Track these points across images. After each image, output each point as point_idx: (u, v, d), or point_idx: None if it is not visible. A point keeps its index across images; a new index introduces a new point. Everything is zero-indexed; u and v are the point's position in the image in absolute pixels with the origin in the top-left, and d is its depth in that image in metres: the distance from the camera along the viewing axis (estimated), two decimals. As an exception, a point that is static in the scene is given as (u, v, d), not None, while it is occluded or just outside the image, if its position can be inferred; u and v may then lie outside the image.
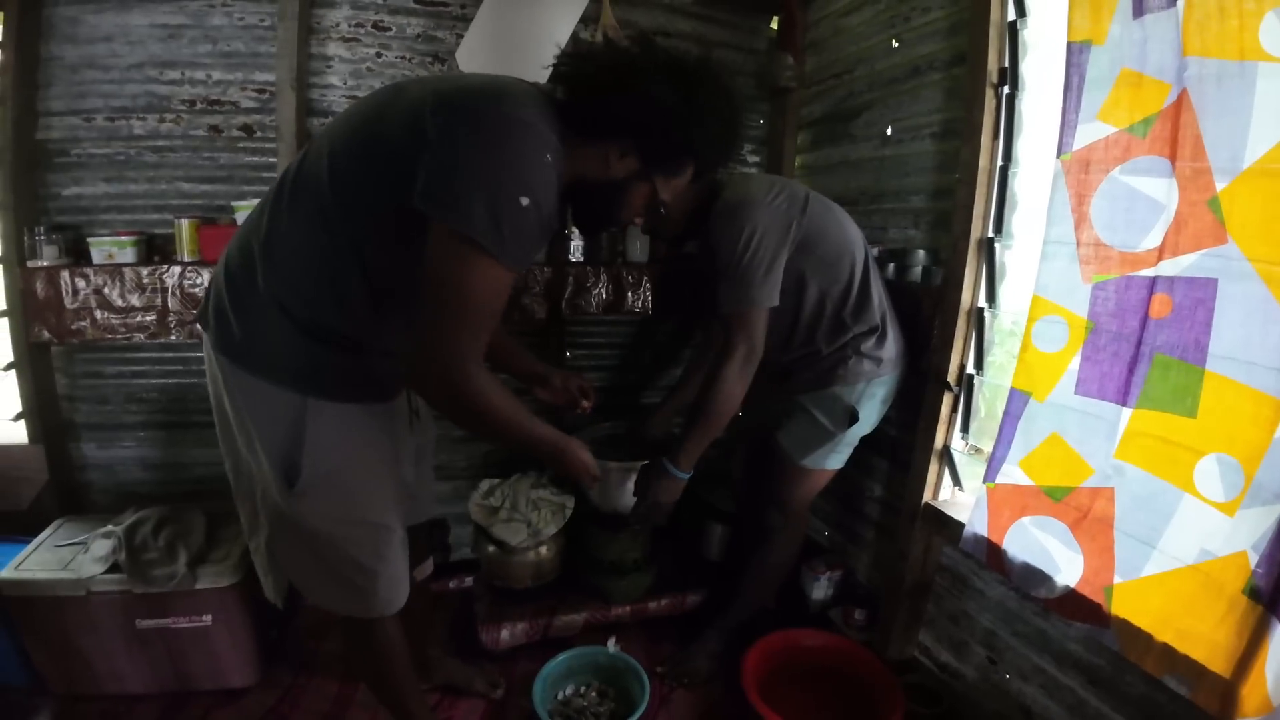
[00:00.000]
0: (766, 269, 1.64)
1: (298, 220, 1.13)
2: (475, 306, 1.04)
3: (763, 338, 1.67)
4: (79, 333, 1.93)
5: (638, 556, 2.20)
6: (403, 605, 1.39)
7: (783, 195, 1.70)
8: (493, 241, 1.00)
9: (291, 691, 1.93)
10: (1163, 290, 1.27)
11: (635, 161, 1.18)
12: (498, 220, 1.00)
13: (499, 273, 1.04)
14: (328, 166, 1.11)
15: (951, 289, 1.76)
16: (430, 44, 2.18)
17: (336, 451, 1.22)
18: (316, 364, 1.18)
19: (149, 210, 2.07)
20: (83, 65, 1.96)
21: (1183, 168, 1.22)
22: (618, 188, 1.21)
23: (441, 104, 1.04)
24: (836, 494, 2.35)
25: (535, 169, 1.04)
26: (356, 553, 1.29)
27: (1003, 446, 1.55)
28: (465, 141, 1.01)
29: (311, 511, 1.23)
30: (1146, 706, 1.39)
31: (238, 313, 1.16)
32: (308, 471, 1.19)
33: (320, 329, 1.16)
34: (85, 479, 2.19)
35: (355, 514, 1.27)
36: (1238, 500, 1.17)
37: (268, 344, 1.16)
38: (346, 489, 1.25)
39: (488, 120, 1.02)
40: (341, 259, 1.12)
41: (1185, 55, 1.19)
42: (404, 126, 1.05)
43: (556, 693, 1.91)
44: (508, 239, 1.01)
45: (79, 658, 1.76)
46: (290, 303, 1.14)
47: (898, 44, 2.00)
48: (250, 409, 1.19)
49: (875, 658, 1.92)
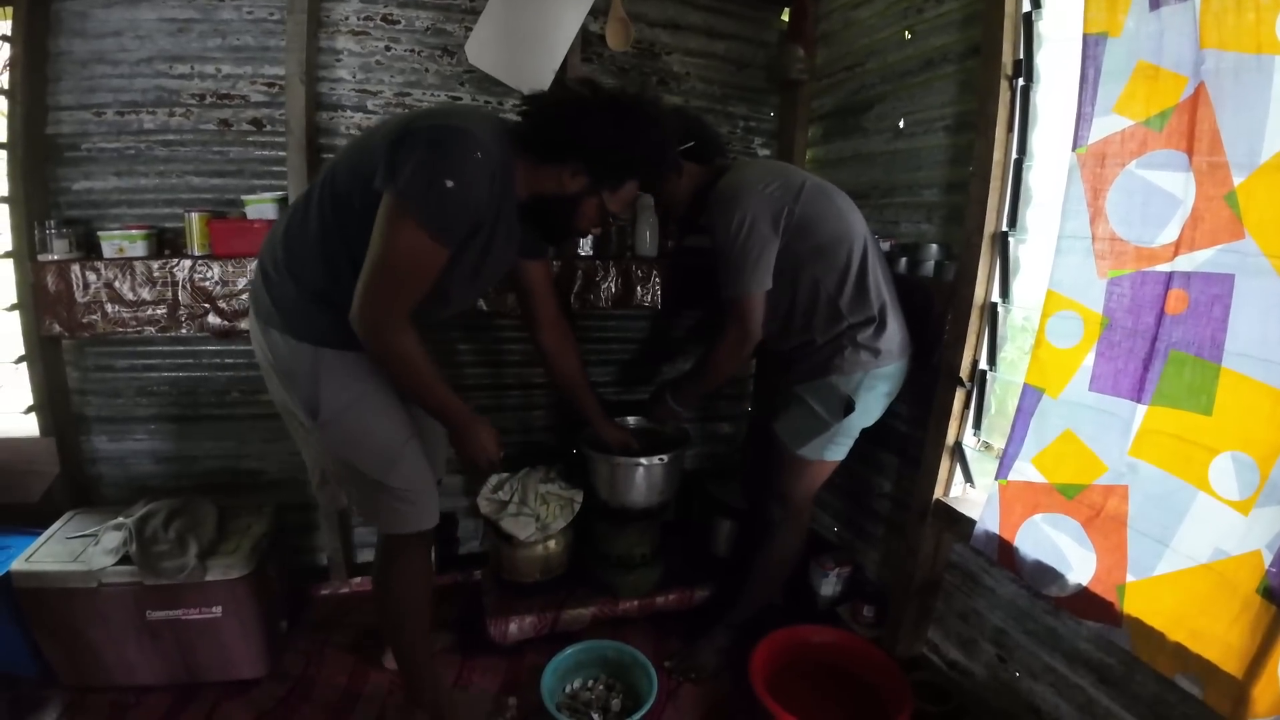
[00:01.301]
0: (757, 256, 1.71)
1: (308, 217, 1.41)
2: (399, 263, 1.29)
3: (757, 322, 1.76)
4: (90, 326, 1.93)
5: (646, 551, 2.20)
6: (433, 525, 1.63)
7: (776, 183, 1.73)
8: (418, 208, 1.26)
9: (301, 683, 1.94)
10: (1179, 286, 1.25)
11: (584, 179, 1.45)
12: (424, 193, 1.26)
13: (422, 238, 1.28)
14: (331, 176, 1.40)
15: (964, 284, 1.74)
16: (440, 37, 2.17)
17: (346, 390, 1.47)
18: (322, 322, 1.43)
19: (159, 204, 2.08)
20: (92, 60, 1.96)
21: (1200, 162, 1.20)
22: (571, 201, 1.48)
23: (415, 119, 1.33)
24: (846, 490, 2.34)
25: (462, 161, 1.29)
26: (377, 474, 1.52)
27: (1015, 443, 1.54)
28: (414, 136, 1.28)
29: (333, 440, 1.50)
30: (1157, 706, 1.37)
31: (267, 284, 1.46)
32: (325, 407, 1.45)
33: (321, 295, 1.41)
34: (96, 472, 2.20)
35: (368, 441, 1.51)
36: (1253, 499, 1.16)
37: (289, 309, 1.43)
38: (358, 420, 1.49)
39: (437, 122, 1.31)
40: (333, 244, 1.39)
41: (1202, 48, 1.17)
42: (384, 137, 1.32)
43: (564, 686, 1.92)
44: (431, 209, 1.27)
45: (89, 649, 1.78)
46: (299, 271, 1.42)
47: (910, 36, 1.98)
48: (280, 361, 1.47)
49: (884, 654, 1.91)
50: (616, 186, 1.50)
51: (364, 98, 2.15)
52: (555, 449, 2.52)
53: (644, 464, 2.05)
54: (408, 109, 2.19)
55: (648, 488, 2.11)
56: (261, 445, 2.29)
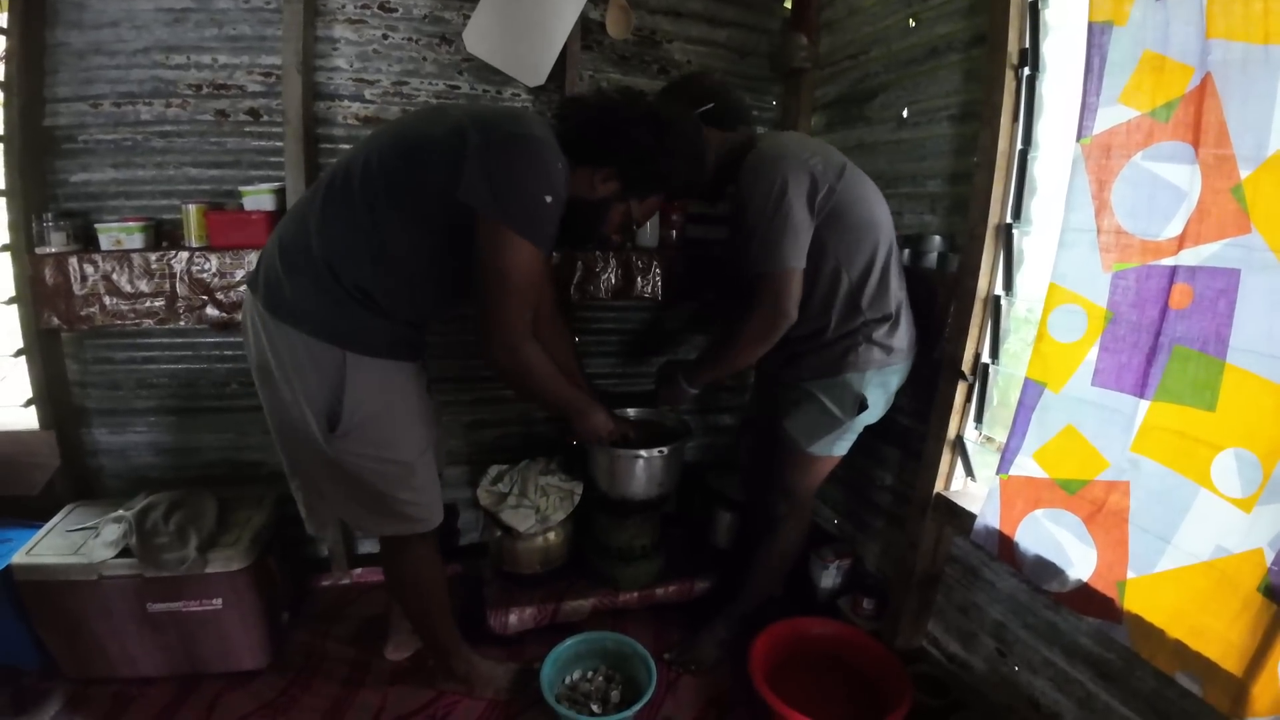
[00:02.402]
0: (795, 227, 1.60)
1: (351, 205, 1.37)
2: (521, 282, 1.35)
3: (793, 301, 1.64)
4: (88, 319, 1.93)
5: (646, 543, 2.20)
6: (439, 523, 1.66)
7: (818, 157, 1.66)
8: (529, 231, 1.33)
9: (302, 674, 1.95)
10: (1183, 280, 1.23)
11: (616, 185, 1.50)
12: (531, 214, 1.32)
13: (534, 254, 1.35)
14: (379, 164, 1.37)
15: (968, 276, 1.73)
16: (437, 25, 2.15)
17: (371, 400, 1.45)
18: (356, 323, 1.41)
19: (156, 196, 2.07)
20: (89, 51, 1.94)
21: (1206, 154, 1.18)
22: (601, 205, 1.52)
23: (480, 122, 1.34)
24: (847, 483, 2.33)
25: (553, 174, 1.35)
26: (389, 487, 1.53)
27: (1017, 438, 1.52)
28: (502, 154, 1.31)
29: (349, 451, 1.46)
30: (1157, 702, 1.37)
31: (290, 275, 1.39)
32: (347, 417, 1.43)
33: (360, 292, 1.39)
34: (96, 464, 2.20)
35: (388, 454, 1.50)
36: (1255, 496, 1.14)
37: (316, 304, 1.39)
38: (381, 432, 1.48)
39: (518, 137, 1.33)
40: (382, 239, 1.37)
41: (1209, 38, 1.15)
42: (448, 133, 1.34)
43: (564, 677, 1.92)
44: (538, 228, 1.34)
45: (91, 641, 1.78)
46: (340, 267, 1.38)
47: (915, 24, 1.95)
48: (295, 364, 1.41)
49: (883, 647, 1.91)
50: (645, 196, 1.56)
51: (361, 87, 2.13)
52: (555, 441, 2.52)
53: (644, 456, 2.04)
54: (406, 98, 2.17)
55: (648, 480, 2.10)
56: (262, 437, 2.28)
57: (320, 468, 1.52)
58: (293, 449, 1.56)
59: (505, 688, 1.88)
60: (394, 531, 1.61)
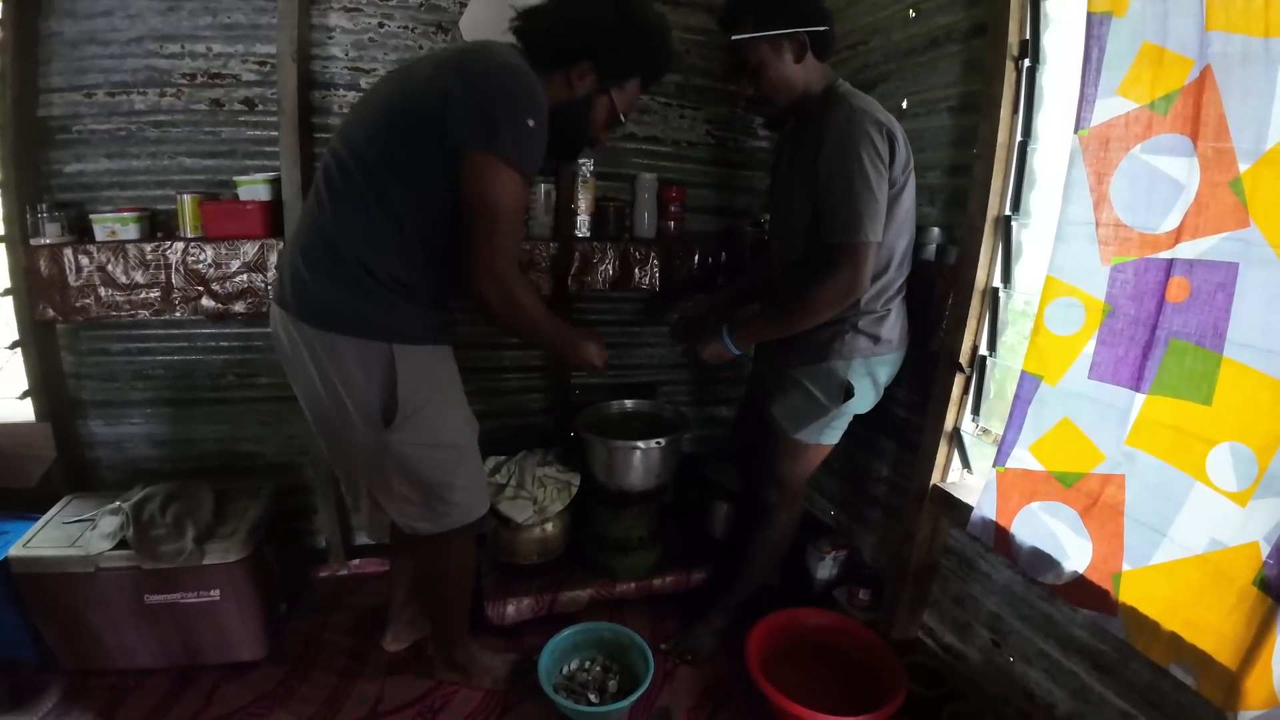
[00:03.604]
0: (884, 199, 1.56)
1: (362, 197, 1.36)
2: (508, 212, 1.33)
3: (870, 278, 1.60)
4: (83, 310, 1.93)
5: (643, 534, 2.20)
6: (485, 511, 1.70)
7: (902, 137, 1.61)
8: (516, 157, 1.31)
9: (300, 665, 1.96)
10: (1180, 273, 1.23)
11: (592, 78, 1.48)
12: (517, 140, 1.30)
13: (520, 181, 1.34)
14: (370, 147, 1.35)
15: (966, 268, 1.72)
16: (433, 13, 2.13)
17: (422, 387, 1.46)
18: (398, 315, 1.42)
19: (151, 186, 2.05)
20: (83, 40, 1.93)
21: (1204, 147, 1.17)
22: (582, 104, 1.50)
23: (451, 66, 1.32)
24: (843, 474, 2.34)
25: (532, 96, 1.33)
26: (443, 474, 1.54)
27: (1013, 430, 1.52)
28: (478, 88, 1.29)
29: (403, 441, 1.47)
30: (1151, 694, 1.38)
31: (323, 282, 1.38)
32: (401, 408, 1.44)
33: (396, 283, 1.40)
34: (93, 456, 2.20)
35: (440, 438, 1.52)
36: (1250, 490, 1.14)
37: (356, 306, 1.38)
38: (431, 418, 1.50)
39: (492, 69, 1.32)
40: (399, 221, 1.37)
41: (1208, 30, 1.14)
42: (424, 89, 1.32)
43: (561, 667, 1.93)
44: (525, 153, 1.32)
45: (88, 633, 1.79)
46: (374, 263, 1.37)
47: (915, 14, 1.94)
48: (340, 368, 1.41)
49: (879, 638, 1.92)
50: (623, 81, 1.52)
51: (357, 76, 2.12)
52: (553, 432, 2.52)
53: (641, 447, 2.04)
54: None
55: (645, 471, 2.11)
56: (258, 428, 2.29)
57: (373, 466, 1.52)
58: (345, 454, 1.56)
59: (503, 678, 1.89)
60: (447, 527, 1.60)
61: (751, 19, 1.59)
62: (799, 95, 1.66)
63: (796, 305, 1.65)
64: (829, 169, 1.57)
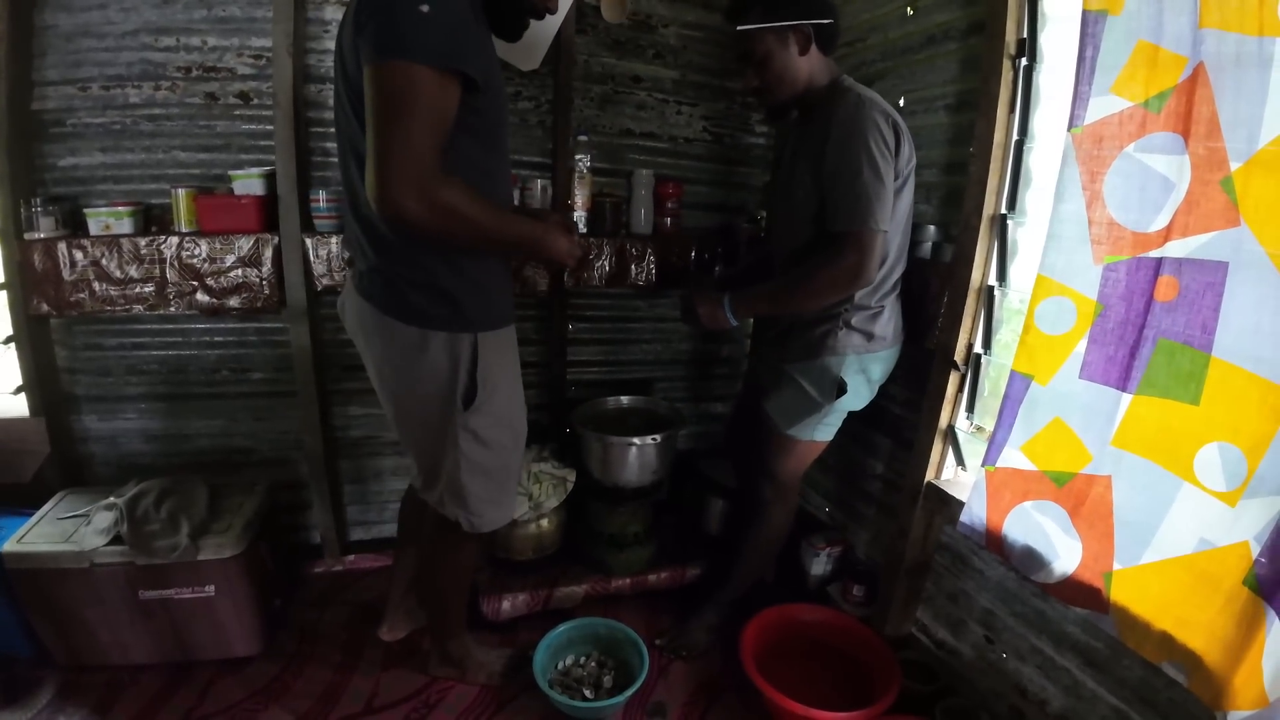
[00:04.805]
0: (889, 189, 1.55)
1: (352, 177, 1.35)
2: (417, 106, 1.15)
3: (876, 266, 1.58)
4: (78, 305, 1.92)
5: (638, 530, 2.21)
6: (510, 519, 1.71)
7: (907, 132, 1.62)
8: (413, 49, 1.13)
9: (295, 660, 1.96)
10: (1169, 272, 1.23)
11: None
12: (407, 32, 1.13)
13: (428, 73, 1.15)
14: (343, 116, 1.31)
15: (961, 266, 1.72)
16: (429, 9, 2.12)
17: (497, 370, 1.48)
18: (480, 300, 1.42)
19: (146, 180, 2.04)
20: (77, 33, 1.91)
21: (1196, 146, 1.17)
22: None
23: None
24: (838, 470, 2.34)
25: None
26: (507, 457, 1.58)
27: (1003, 430, 1.53)
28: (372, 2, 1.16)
29: (481, 424, 1.48)
30: (1143, 690, 1.39)
31: (403, 279, 1.37)
32: (482, 391, 1.45)
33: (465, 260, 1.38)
34: (87, 451, 2.19)
35: (509, 420, 1.56)
36: (1239, 490, 1.15)
37: (441, 298, 1.37)
38: (504, 400, 1.53)
39: None
40: None
41: (1202, 27, 1.14)
42: (350, 37, 1.22)
43: (556, 663, 1.94)
44: (422, 40, 1.13)
45: (83, 629, 1.79)
46: (435, 269, 1.36)
47: (912, 11, 1.94)
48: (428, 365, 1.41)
49: (873, 634, 1.93)
50: None
51: (353, 71, 2.10)
52: (548, 428, 2.52)
53: (637, 443, 2.05)
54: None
55: (640, 467, 2.11)
56: (252, 423, 2.28)
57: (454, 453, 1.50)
58: (429, 453, 1.53)
59: (498, 673, 1.89)
60: (483, 524, 1.60)
61: (758, 10, 1.59)
62: (803, 87, 1.66)
63: (798, 282, 1.64)
64: (836, 157, 1.56)
